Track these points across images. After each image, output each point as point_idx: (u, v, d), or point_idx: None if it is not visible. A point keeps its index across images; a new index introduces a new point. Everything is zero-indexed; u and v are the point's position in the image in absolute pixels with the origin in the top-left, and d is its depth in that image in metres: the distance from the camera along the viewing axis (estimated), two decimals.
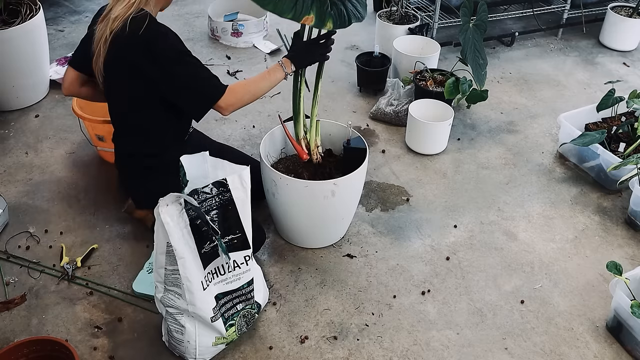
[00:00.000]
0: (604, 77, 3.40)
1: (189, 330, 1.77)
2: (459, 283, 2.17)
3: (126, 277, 2.13)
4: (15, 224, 2.34)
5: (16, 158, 2.68)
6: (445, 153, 2.81)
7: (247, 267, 1.83)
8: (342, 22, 1.81)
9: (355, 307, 2.07)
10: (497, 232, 2.40)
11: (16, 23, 2.79)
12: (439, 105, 2.82)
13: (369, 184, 2.60)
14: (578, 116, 2.79)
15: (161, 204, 1.65)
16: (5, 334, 1.93)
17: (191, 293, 1.71)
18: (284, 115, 2.34)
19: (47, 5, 3.74)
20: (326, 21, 1.78)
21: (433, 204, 2.52)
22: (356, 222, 2.40)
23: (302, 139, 2.17)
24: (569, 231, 2.41)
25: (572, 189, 2.63)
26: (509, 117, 3.09)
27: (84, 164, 2.64)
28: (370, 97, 3.20)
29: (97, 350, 1.89)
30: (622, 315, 1.92)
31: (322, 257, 2.25)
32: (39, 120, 2.93)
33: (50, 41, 3.19)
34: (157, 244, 1.73)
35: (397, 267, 2.22)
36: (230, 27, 3.62)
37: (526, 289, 2.16)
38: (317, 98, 2.15)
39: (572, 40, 3.86)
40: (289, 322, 2.00)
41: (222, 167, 1.82)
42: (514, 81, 3.41)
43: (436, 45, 3.23)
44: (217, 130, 2.87)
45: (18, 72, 2.89)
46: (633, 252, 2.33)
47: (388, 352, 1.92)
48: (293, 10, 1.72)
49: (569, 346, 1.96)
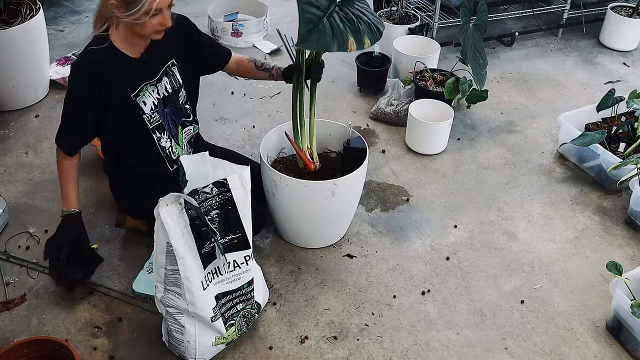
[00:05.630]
0: (604, 77, 3.40)
1: (189, 330, 1.77)
2: (459, 283, 2.17)
3: (126, 277, 2.13)
4: (15, 224, 2.34)
5: (16, 158, 2.68)
6: (445, 153, 2.81)
7: (247, 267, 1.83)
8: (375, 36, 1.87)
9: (355, 307, 2.07)
10: (497, 232, 2.40)
11: (16, 23, 2.78)
12: (439, 105, 2.82)
13: (369, 184, 2.60)
14: (578, 116, 2.79)
15: (161, 204, 1.65)
16: (5, 334, 1.93)
17: (191, 293, 1.71)
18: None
19: (47, 5, 3.73)
20: (363, 40, 1.83)
21: (433, 204, 2.52)
22: (356, 222, 2.40)
23: (306, 150, 2.17)
24: (569, 231, 2.41)
25: (572, 189, 2.63)
26: (509, 117, 3.09)
27: (84, 164, 2.62)
28: (370, 97, 3.20)
29: (97, 350, 1.89)
30: (622, 315, 1.92)
31: (322, 257, 2.25)
32: (39, 120, 2.93)
33: (50, 41, 3.19)
34: (157, 244, 1.72)
35: (397, 267, 2.22)
36: (230, 27, 3.62)
37: (526, 289, 2.16)
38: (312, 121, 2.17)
39: (572, 40, 3.86)
40: (289, 322, 2.00)
41: (222, 167, 1.82)
42: (514, 81, 3.41)
43: (436, 45, 3.23)
44: (217, 130, 2.87)
45: (18, 72, 2.89)
46: (633, 252, 2.33)
47: (388, 352, 1.92)
48: (335, 42, 1.77)
49: (569, 346, 1.96)
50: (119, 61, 1.91)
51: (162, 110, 2.04)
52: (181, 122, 2.13)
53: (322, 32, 1.76)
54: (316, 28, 1.76)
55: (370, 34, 1.85)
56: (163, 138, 2.06)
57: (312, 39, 1.75)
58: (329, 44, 1.77)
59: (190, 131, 2.18)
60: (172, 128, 2.10)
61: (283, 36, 2.11)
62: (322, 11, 1.79)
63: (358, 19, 1.84)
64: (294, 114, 2.13)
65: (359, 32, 1.82)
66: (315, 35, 1.75)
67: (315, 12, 1.78)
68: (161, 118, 2.04)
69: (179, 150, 2.13)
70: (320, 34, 1.76)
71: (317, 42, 1.76)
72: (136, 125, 2.00)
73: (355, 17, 1.84)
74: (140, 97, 1.97)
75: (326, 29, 1.77)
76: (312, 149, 2.19)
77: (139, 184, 2.11)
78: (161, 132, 2.05)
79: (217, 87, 3.19)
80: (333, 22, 1.79)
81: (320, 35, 1.76)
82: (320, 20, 1.77)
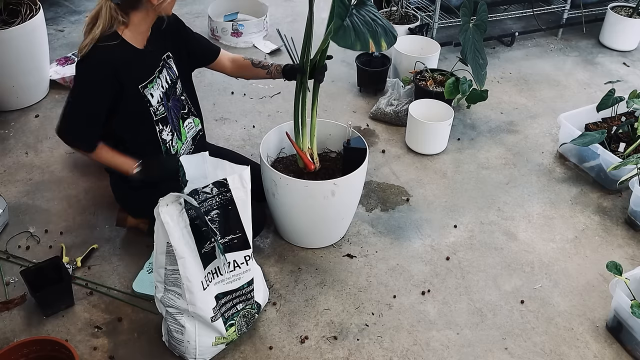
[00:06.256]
0: (604, 77, 3.40)
1: (189, 330, 1.77)
2: (459, 283, 2.17)
3: (126, 277, 2.13)
4: (15, 224, 2.34)
5: (16, 158, 2.68)
6: (445, 153, 2.81)
7: (247, 267, 1.83)
8: (391, 40, 1.90)
9: (355, 307, 2.07)
10: (497, 232, 2.40)
11: (16, 23, 2.78)
12: (439, 105, 2.82)
13: (369, 184, 2.60)
14: (578, 116, 2.79)
15: (161, 203, 1.65)
16: (5, 334, 1.93)
17: (191, 293, 1.71)
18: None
19: (47, 5, 3.73)
20: (381, 42, 1.87)
21: (433, 204, 2.52)
22: (356, 222, 2.40)
23: (307, 151, 2.17)
24: (569, 231, 2.41)
25: (572, 189, 2.63)
26: (509, 117, 3.09)
27: (84, 164, 2.64)
28: (370, 97, 3.20)
29: (97, 350, 1.89)
30: (622, 315, 1.92)
31: (322, 257, 2.25)
32: (39, 120, 2.93)
33: (50, 41, 3.19)
34: (157, 244, 1.73)
35: (397, 267, 2.22)
36: (230, 27, 3.62)
37: (526, 289, 2.16)
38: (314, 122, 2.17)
39: (572, 40, 3.86)
40: (289, 322, 2.00)
41: (222, 167, 1.82)
42: (514, 81, 3.41)
43: (436, 45, 3.23)
44: (217, 130, 2.87)
45: (18, 72, 2.89)
46: (633, 252, 2.33)
47: (388, 352, 1.92)
48: (358, 42, 1.81)
49: (569, 346, 1.96)
50: (130, 53, 1.94)
51: (166, 103, 2.08)
52: (180, 115, 2.16)
53: (347, 31, 1.80)
54: (342, 26, 1.79)
55: (386, 38, 1.88)
56: (165, 131, 2.08)
57: (340, 35, 1.79)
58: (353, 43, 1.80)
59: (192, 124, 2.20)
60: (175, 122, 2.13)
61: (283, 36, 2.11)
62: (346, 8, 1.84)
63: (375, 22, 1.88)
64: (296, 114, 2.13)
65: (377, 35, 1.86)
66: (342, 33, 1.79)
67: (342, 8, 1.82)
68: (166, 111, 2.08)
69: (178, 146, 2.14)
70: (345, 32, 1.79)
71: (344, 40, 1.80)
72: (143, 116, 2.02)
73: (372, 21, 1.88)
74: (148, 89, 2.00)
75: (349, 29, 1.80)
76: (313, 150, 2.19)
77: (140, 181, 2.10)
78: (164, 125, 2.08)
79: (217, 87, 3.19)
80: (354, 22, 1.82)
81: (345, 33, 1.79)
82: (345, 17, 1.81)
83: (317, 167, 2.19)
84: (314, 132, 2.17)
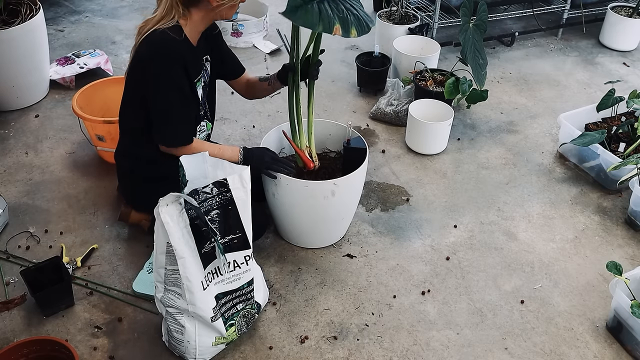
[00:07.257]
0: (604, 77, 3.40)
1: (189, 330, 1.77)
2: (459, 283, 2.17)
3: (126, 277, 2.13)
4: (15, 224, 2.34)
5: (16, 158, 2.68)
6: (445, 153, 2.81)
7: (247, 267, 1.83)
8: (363, 29, 1.87)
9: (355, 307, 2.07)
10: (497, 232, 2.40)
11: (16, 23, 2.78)
12: (439, 105, 2.82)
13: (369, 184, 2.60)
14: (578, 116, 2.79)
15: (161, 203, 1.65)
16: (5, 334, 1.93)
17: (191, 293, 1.71)
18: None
19: (47, 5, 3.73)
20: (350, 29, 1.84)
21: (433, 204, 2.52)
22: (356, 222, 2.40)
23: (305, 149, 2.17)
24: (569, 231, 2.42)
25: (572, 189, 2.63)
26: (509, 117, 3.09)
27: (84, 164, 2.64)
28: (370, 97, 3.20)
29: (97, 350, 1.89)
30: (622, 315, 1.92)
31: (322, 257, 2.25)
32: (39, 120, 2.93)
33: (50, 41, 3.19)
34: (157, 244, 1.73)
35: (397, 267, 2.22)
36: (230, 27, 3.62)
37: (526, 289, 2.16)
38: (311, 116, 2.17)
39: (572, 40, 3.86)
40: (289, 322, 2.00)
41: (222, 167, 1.82)
42: (514, 81, 3.41)
43: (436, 45, 3.23)
44: (217, 130, 2.87)
45: (18, 72, 2.89)
46: (633, 252, 2.33)
47: (388, 352, 1.92)
48: (321, 24, 1.78)
49: (569, 346, 1.97)
50: (190, 49, 1.99)
51: (204, 102, 2.16)
52: None
53: (310, 12, 1.77)
54: (304, 6, 1.77)
55: (358, 26, 1.85)
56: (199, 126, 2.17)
57: (300, 14, 1.76)
58: (314, 24, 1.77)
59: (204, 128, 2.22)
60: None
61: (283, 36, 2.12)
62: None
63: (348, 11, 1.86)
64: (291, 112, 2.13)
65: (347, 22, 1.83)
66: (302, 12, 1.76)
67: None
68: (203, 109, 2.15)
69: None
70: (307, 12, 1.76)
71: (304, 19, 1.77)
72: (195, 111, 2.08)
73: (346, 9, 1.86)
74: (197, 86, 2.06)
75: (314, 11, 1.78)
76: (311, 148, 2.19)
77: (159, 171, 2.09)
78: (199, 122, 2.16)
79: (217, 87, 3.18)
80: (322, 8, 1.80)
81: (307, 13, 1.76)
82: (310, 2, 1.78)
83: (316, 166, 2.19)
84: (311, 130, 2.17)
